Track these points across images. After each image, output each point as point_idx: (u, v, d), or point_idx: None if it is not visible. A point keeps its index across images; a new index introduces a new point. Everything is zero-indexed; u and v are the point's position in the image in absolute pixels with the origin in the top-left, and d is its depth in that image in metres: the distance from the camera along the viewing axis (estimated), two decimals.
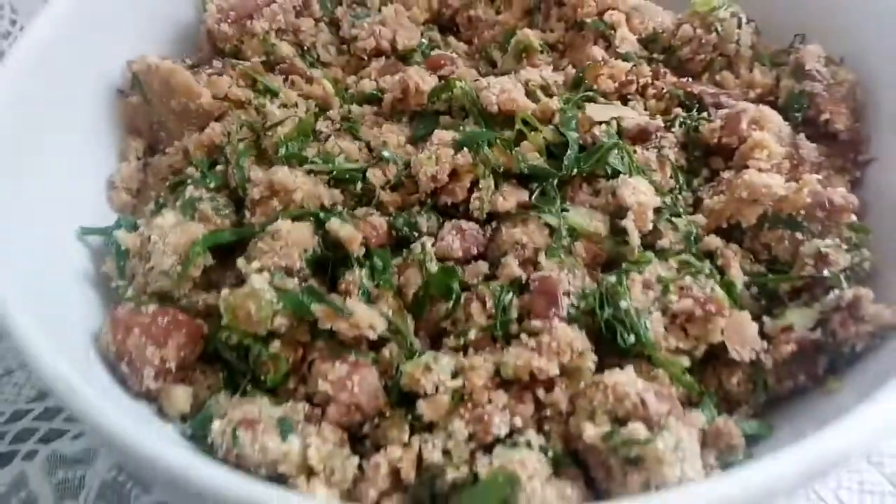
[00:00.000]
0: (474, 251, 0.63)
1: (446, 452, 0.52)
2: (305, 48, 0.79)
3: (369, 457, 0.53)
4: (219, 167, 0.68)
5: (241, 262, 0.58)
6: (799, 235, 0.60)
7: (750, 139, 0.64)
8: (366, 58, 0.78)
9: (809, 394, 0.57)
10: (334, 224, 0.60)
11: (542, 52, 0.76)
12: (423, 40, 0.80)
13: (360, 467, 0.52)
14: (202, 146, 0.69)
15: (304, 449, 0.51)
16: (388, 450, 0.52)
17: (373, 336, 0.57)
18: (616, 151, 0.65)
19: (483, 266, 0.62)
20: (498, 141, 0.64)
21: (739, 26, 0.72)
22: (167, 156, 0.71)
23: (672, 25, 0.75)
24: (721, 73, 0.73)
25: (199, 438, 0.54)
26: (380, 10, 0.82)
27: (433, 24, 0.85)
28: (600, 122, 0.66)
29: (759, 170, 0.62)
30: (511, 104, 0.66)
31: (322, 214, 0.61)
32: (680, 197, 0.66)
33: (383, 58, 0.78)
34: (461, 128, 0.66)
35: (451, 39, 0.83)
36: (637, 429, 0.48)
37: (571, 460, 0.52)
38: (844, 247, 0.59)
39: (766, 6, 0.74)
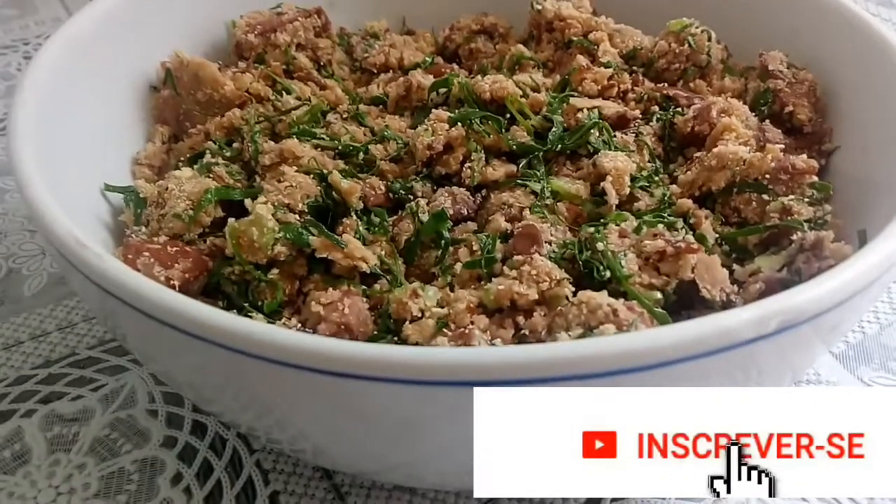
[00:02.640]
0: (464, 212, 0.68)
1: None
2: (322, 64, 0.88)
3: None
4: (235, 145, 0.75)
5: (247, 201, 0.63)
6: (765, 197, 0.65)
7: (719, 124, 0.70)
8: (375, 72, 0.87)
9: None
10: (336, 176, 0.65)
11: (534, 65, 0.84)
12: (428, 59, 0.89)
13: None
14: (222, 127, 0.76)
15: None
16: None
17: (365, 268, 0.61)
18: (597, 131, 0.71)
19: (472, 226, 0.67)
20: (489, 121, 0.71)
21: (710, 39, 0.80)
22: (189, 138, 0.78)
23: (650, 44, 0.83)
24: (695, 81, 0.80)
25: None
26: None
27: (438, 56, 0.95)
28: (582, 109, 0.72)
29: None
30: (502, 91, 0.73)
31: (326, 172, 0.67)
32: (657, 177, 0.71)
33: (391, 72, 0.87)
34: (456, 111, 0.73)
35: (455, 66, 0.92)
36: (608, 328, 0.51)
37: None
38: (807, 201, 0.63)
39: (733, 33, 0.83)
